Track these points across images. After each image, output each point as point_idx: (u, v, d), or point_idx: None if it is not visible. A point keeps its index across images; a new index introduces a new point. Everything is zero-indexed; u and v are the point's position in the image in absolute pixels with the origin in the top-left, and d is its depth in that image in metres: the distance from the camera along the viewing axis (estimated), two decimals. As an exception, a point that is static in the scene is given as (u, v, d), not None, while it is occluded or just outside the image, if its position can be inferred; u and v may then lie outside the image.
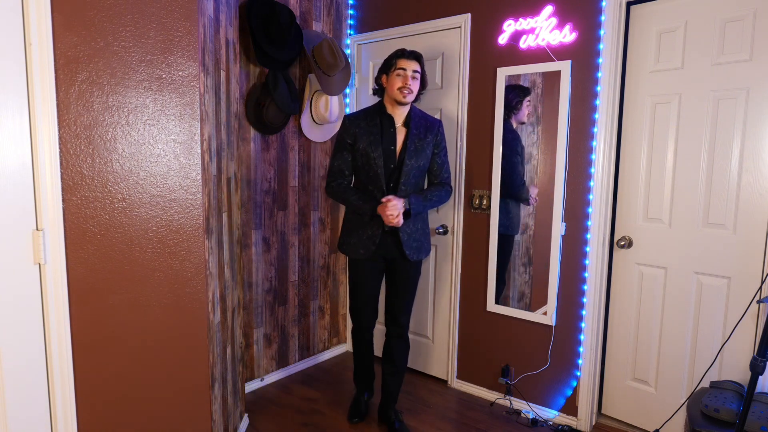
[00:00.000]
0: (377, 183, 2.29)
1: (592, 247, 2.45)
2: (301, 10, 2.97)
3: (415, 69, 2.25)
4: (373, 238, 2.32)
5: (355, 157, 2.34)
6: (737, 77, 2.11)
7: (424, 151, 2.32)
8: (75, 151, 1.35)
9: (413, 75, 2.25)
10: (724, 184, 2.17)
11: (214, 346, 1.89)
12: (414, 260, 2.36)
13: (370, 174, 2.30)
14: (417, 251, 2.36)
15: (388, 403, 2.52)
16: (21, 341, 1.30)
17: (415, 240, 2.35)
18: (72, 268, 1.36)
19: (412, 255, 2.34)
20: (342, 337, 3.53)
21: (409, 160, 2.29)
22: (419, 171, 2.33)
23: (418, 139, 2.31)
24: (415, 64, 2.26)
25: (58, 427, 1.37)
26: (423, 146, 2.32)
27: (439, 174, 2.40)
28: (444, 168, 2.41)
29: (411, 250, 2.34)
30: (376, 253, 2.36)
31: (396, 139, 2.31)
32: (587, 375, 2.51)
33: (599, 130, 2.39)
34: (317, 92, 2.98)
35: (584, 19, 2.39)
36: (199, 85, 1.61)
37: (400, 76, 2.24)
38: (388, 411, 2.51)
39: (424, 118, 2.38)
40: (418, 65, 2.27)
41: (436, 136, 2.37)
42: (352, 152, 2.34)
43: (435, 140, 2.36)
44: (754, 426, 1.78)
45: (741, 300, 2.16)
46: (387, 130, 2.30)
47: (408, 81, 2.23)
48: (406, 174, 2.28)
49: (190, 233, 1.61)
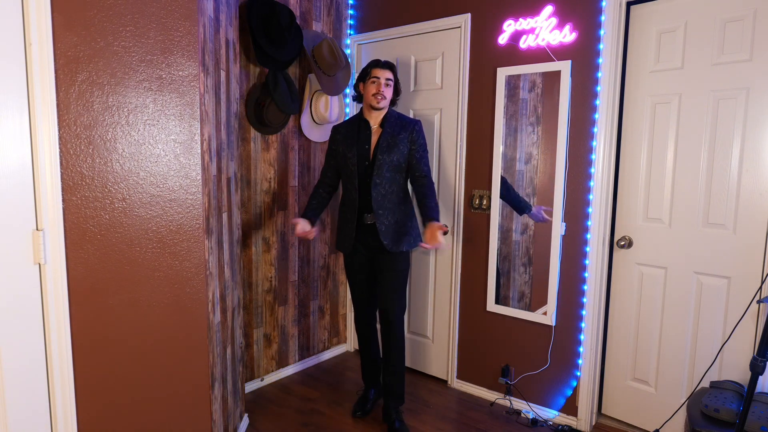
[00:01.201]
0: (352, 180, 2.48)
1: (592, 247, 2.45)
2: (301, 10, 2.97)
3: (388, 77, 2.46)
4: (352, 232, 2.51)
5: (337, 160, 2.56)
6: (737, 77, 2.11)
7: (397, 147, 2.44)
8: (75, 151, 1.35)
9: (386, 82, 2.45)
10: (724, 184, 2.17)
11: (214, 346, 1.89)
12: (394, 251, 2.45)
13: (346, 172, 2.51)
14: (396, 242, 2.46)
15: (389, 403, 2.53)
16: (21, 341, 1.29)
17: (393, 231, 2.46)
18: (72, 268, 1.36)
19: (391, 246, 2.45)
20: (342, 337, 3.53)
21: (381, 155, 2.43)
22: (392, 165, 2.44)
23: (390, 136, 2.45)
24: (388, 73, 2.47)
25: (58, 427, 1.37)
26: (396, 142, 2.44)
27: (419, 167, 2.48)
28: (423, 162, 2.50)
29: (389, 240, 2.45)
30: (358, 246, 2.53)
31: (371, 140, 2.49)
32: (587, 375, 2.51)
33: (599, 130, 2.39)
34: (317, 92, 2.98)
35: (584, 19, 2.39)
36: (199, 85, 1.61)
37: (374, 83, 2.45)
38: (389, 411, 2.52)
39: (400, 119, 2.52)
40: (391, 74, 2.48)
41: (411, 133, 2.48)
42: (335, 157, 2.57)
43: (410, 137, 2.47)
44: (754, 426, 1.78)
45: (741, 300, 2.16)
46: (363, 132, 2.50)
47: (381, 88, 2.44)
48: (378, 167, 2.43)
49: (190, 233, 1.61)
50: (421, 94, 3.01)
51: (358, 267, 2.59)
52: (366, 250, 2.54)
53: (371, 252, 2.53)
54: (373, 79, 2.45)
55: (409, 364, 3.17)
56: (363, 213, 2.48)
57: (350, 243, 2.52)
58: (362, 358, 2.76)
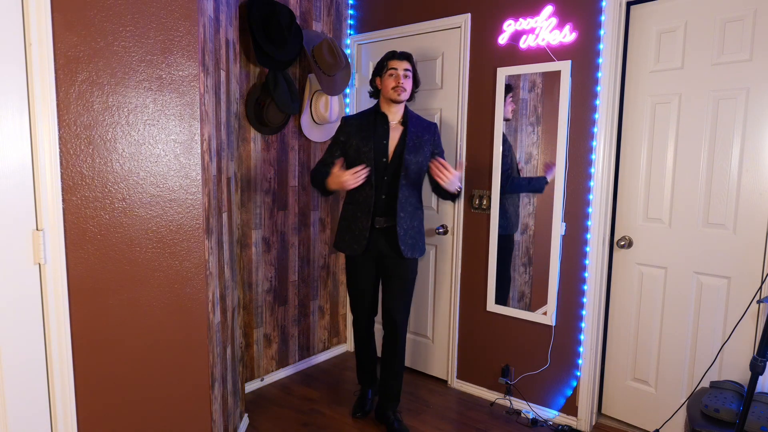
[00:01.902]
0: (369, 175, 2.29)
1: (592, 247, 2.45)
2: (301, 10, 2.97)
3: (406, 68, 2.34)
4: (364, 233, 2.36)
5: (347, 154, 2.39)
6: (737, 77, 2.11)
7: (422, 149, 2.38)
8: (75, 151, 1.35)
9: (405, 74, 2.34)
10: (724, 184, 2.17)
11: (214, 346, 1.89)
12: (408, 257, 2.39)
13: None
14: (412, 248, 2.39)
15: (387, 404, 2.52)
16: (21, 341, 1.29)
17: (410, 237, 2.39)
18: (72, 268, 1.36)
19: (407, 252, 2.37)
20: (342, 337, 3.53)
21: (409, 155, 2.34)
22: (417, 167, 2.37)
23: (416, 136, 2.38)
24: (405, 64, 2.35)
25: (57, 426, 1.37)
26: (421, 144, 2.38)
27: None
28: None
29: (406, 246, 2.37)
30: (370, 248, 2.41)
31: (389, 136, 2.38)
32: (587, 375, 2.51)
33: (599, 130, 2.39)
34: (317, 92, 2.98)
35: (584, 19, 2.39)
36: (199, 85, 1.61)
37: (393, 76, 2.33)
38: (386, 412, 2.51)
39: (420, 119, 2.47)
40: (408, 64, 2.36)
41: (433, 136, 2.44)
42: (343, 149, 2.41)
43: (433, 141, 2.44)
44: (754, 426, 1.78)
45: (741, 300, 2.16)
46: (380, 126, 2.38)
47: (400, 80, 2.32)
48: (405, 168, 2.33)
49: (190, 233, 1.61)
50: (421, 94, 3.00)
51: (364, 270, 2.47)
52: (375, 254, 2.43)
53: (380, 257, 2.43)
54: (390, 71, 2.33)
55: (409, 364, 3.17)
56: (376, 215, 2.36)
57: (362, 244, 2.37)
58: (359, 360, 2.68)
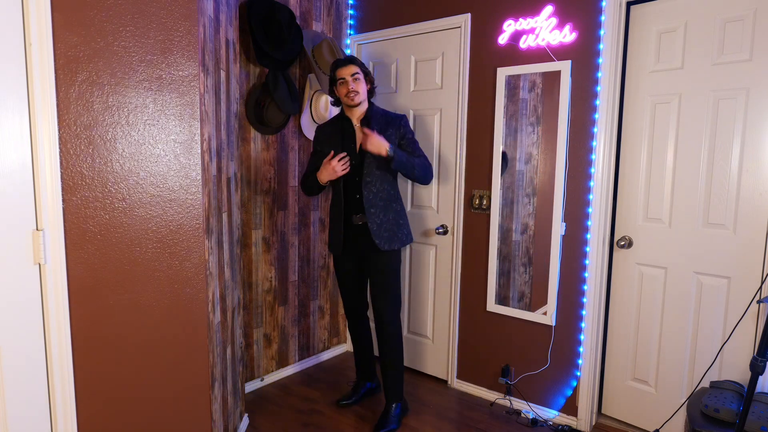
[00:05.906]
0: (339, 180, 2.44)
1: (592, 247, 2.45)
2: (301, 10, 2.97)
3: (353, 72, 2.39)
4: (339, 234, 2.48)
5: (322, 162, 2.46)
6: (737, 77, 2.11)
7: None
8: (75, 151, 1.35)
9: (354, 78, 2.39)
10: (724, 184, 2.17)
11: (214, 346, 1.89)
12: (386, 250, 2.44)
13: None
14: (389, 241, 2.44)
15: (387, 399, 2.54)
16: (21, 341, 1.30)
17: (386, 230, 2.44)
18: (72, 268, 1.36)
19: (383, 244, 2.43)
20: (342, 337, 3.53)
21: (370, 153, 2.38)
22: (382, 162, 2.40)
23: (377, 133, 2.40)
24: (351, 68, 2.40)
25: (58, 426, 1.37)
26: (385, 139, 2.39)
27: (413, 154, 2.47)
28: (415, 149, 2.49)
29: (382, 239, 2.43)
30: (350, 247, 2.50)
31: (356, 138, 2.46)
32: (587, 375, 2.51)
33: (599, 130, 2.39)
34: (317, 92, 2.98)
35: (584, 19, 2.39)
36: (199, 85, 1.61)
37: (343, 84, 2.41)
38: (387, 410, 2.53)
39: (385, 115, 2.50)
40: (355, 67, 2.41)
41: (398, 129, 2.47)
42: (320, 157, 2.50)
43: (398, 133, 2.47)
44: (754, 426, 1.78)
45: (741, 300, 2.16)
46: (347, 131, 2.48)
47: (350, 85, 2.39)
48: (368, 165, 2.41)
49: (190, 233, 1.61)
50: (421, 94, 3.01)
51: (346, 269, 2.59)
52: (356, 251, 2.52)
53: (361, 253, 2.52)
54: (340, 81, 2.41)
55: (409, 364, 3.17)
56: (351, 214, 2.46)
57: (339, 245, 2.50)
58: (355, 354, 2.82)
